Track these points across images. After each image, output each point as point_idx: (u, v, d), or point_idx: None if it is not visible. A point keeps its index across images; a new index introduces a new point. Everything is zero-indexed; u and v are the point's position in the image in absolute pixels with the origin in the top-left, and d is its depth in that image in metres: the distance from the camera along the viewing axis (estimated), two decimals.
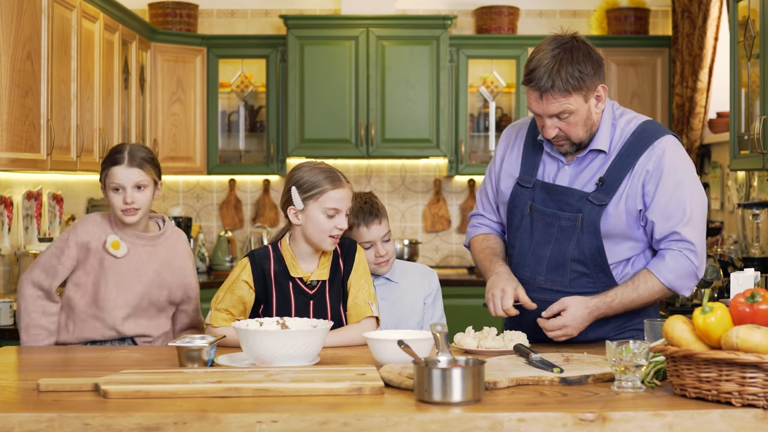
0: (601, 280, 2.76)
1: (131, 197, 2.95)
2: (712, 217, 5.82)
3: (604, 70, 2.71)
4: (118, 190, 2.96)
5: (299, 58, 6.21)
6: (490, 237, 3.00)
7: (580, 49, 2.65)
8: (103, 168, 3.01)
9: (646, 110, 6.26)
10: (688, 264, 2.72)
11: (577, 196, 2.75)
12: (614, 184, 2.72)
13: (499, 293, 2.72)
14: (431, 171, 6.72)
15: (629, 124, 2.78)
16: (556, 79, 2.61)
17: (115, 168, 2.96)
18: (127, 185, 2.95)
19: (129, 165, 2.96)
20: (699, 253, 2.73)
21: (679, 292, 2.74)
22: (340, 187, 2.82)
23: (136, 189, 2.96)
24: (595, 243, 2.74)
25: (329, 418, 1.96)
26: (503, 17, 6.41)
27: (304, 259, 2.88)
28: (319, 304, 2.88)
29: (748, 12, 4.36)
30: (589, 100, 2.67)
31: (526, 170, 2.85)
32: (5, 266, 4.62)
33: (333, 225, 2.81)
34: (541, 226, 2.81)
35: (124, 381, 2.18)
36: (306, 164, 2.88)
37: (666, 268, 2.71)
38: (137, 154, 2.99)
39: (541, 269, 2.81)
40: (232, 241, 6.40)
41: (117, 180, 2.95)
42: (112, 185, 2.96)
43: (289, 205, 2.85)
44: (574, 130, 2.69)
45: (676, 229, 2.70)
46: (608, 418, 1.98)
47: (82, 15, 4.70)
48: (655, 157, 2.71)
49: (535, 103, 2.67)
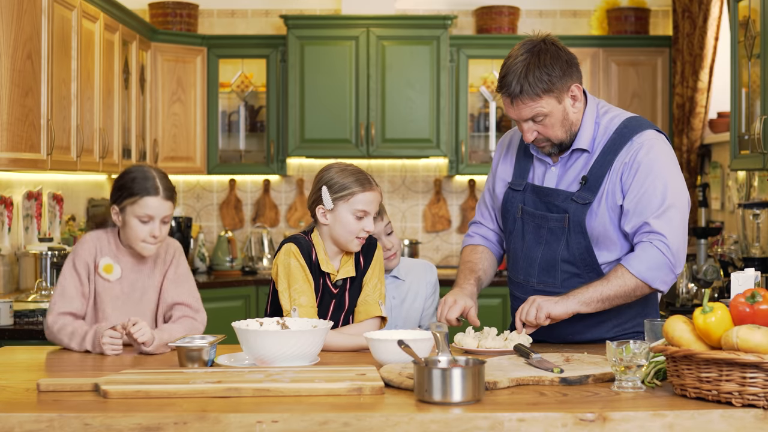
0: (592, 280, 2.75)
1: (159, 231, 2.83)
2: (712, 217, 5.82)
3: (577, 69, 2.71)
4: (147, 221, 2.83)
5: (299, 58, 6.21)
6: (478, 249, 3.02)
7: (548, 51, 2.66)
8: (130, 193, 2.82)
9: (646, 110, 6.26)
10: (658, 255, 2.66)
11: (563, 196, 2.76)
12: (597, 182, 2.72)
13: (451, 302, 2.79)
14: (431, 171, 6.72)
15: (612, 121, 2.77)
16: (524, 84, 2.63)
17: (149, 199, 2.81)
18: (157, 218, 2.83)
19: (163, 198, 2.83)
20: (672, 245, 2.66)
21: (652, 285, 2.67)
22: (369, 190, 2.86)
23: (162, 222, 2.85)
24: (583, 243, 2.74)
25: (329, 418, 1.96)
26: (503, 17, 6.41)
27: (330, 256, 2.91)
28: (339, 301, 2.91)
29: (749, 12, 4.36)
30: (563, 101, 2.69)
31: (518, 174, 2.88)
32: (5, 266, 4.62)
33: (361, 227, 2.85)
34: (532, 228, 2.82)
35: (124, 381, 2.18)
36: (336, 165, 2.91)
37: (636, 260, 2.67)
38: (168, 185, 2.86)
39: (533, 271, 2.82)
40: (233, 241, 6.40)
41: (149, 211, 2.81)
42: (142, 215, 2.81)
43: (317, 205, 2.87)
44: (552, 131, 2.71)
45: (647, 220, 2.67)
46: (608, 418, 1.98)
47: (83, 15, 4.71)
48: (633, 151, 2.71)
49: (509, 109, 2.72)
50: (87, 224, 5.56)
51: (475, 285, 2.91)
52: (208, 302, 5.78)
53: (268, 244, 6.45)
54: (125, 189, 2.84)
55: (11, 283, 4.68)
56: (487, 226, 3.04)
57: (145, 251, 2.87)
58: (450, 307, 2.78)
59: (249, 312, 5.99)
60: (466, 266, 2.98)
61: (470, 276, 2.93)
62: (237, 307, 5.95)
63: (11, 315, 4.05)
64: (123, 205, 2.84)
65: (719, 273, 4.72)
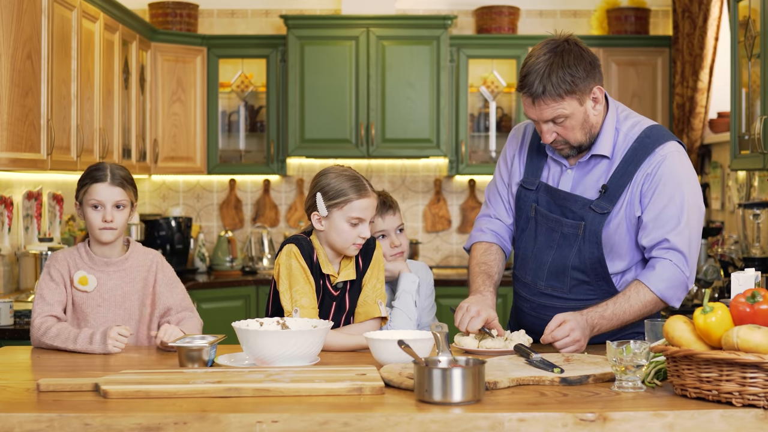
0: (602, 288, 2.74)
1: (111, 215, 2.93)
2: (712, 217, 5.82)
3: (599, 71, 2.67)
4: (98, 207, 2.94)
5: (299, 58, 6.21)
6: (492, 250, 2.94)
7: (572, 51, 2.61)
8: (82, 185, 2.97)
9: (646, 110, 6.26)
10: (678, 274, 2.65)
11: (581, 203, 2.72)
12: (617, 192, 2.69)
13: (474, 313, 2.67)
14: (431, 171, 6.72)
15: (633, 128, 2.73)
16: (547, 84, 2.58)
17: (97, 185, 2.94)
18: (107, 203, 2.94)
19: (111, 183, 2.95)
20: (690, 262, 2.66)
21: (669, 302, 2.67)
22: (365, 197, 2.81)
23: (115, 208, 2.95)
24: (596, 253, 2.71)
25: (329, 418, 1.96)
26: (503, 17, 6.41)
27: (329, 259, 2.89)
28: (339, 303, 2.90)
29: (749, 12, 4.36)
30: (584, 103, 2.64)
31: (531, 172, 2.84)
32: (5, 266, 4.62)
33: (356, 234, 2.81)
34: (545, 230, 2.79)
35: (124, 381, 2.18)
36: (332, 170, 2.87)
37: (657, 277, 2.65)
38: (118, 173, 2.97)
39: (542, 274, 2.80)
40: (233, 241, 6.40)
41: (98, 197, 2.93)
42: (92, 202, 2.94)
43: (313, 211, 2.85)
44: (572, 133, 2.67)
45: (667, 236, 2.65)
46: (609, 418, 1.98)
47: (82, 15, 4.70)
48: (655, 163, 2.67)
49: (529, 109, 2.66)
50: None
51: (494, 293, 2.82)
52: (208, 302, 5.85)
53: (268, 244, 6.45)
54: (80, 182, 2.99)
55: (11, 283, 4.68)
56: (500, 219, 2.95)
57: (103, 237, 2.95)
58: (472, 318, 2.66)
59: (249, 312, 5.99)
60: (481, 269, 2.89)
61: (488, 281, 2.84)
62: (237, 307, 5.96)
63: (11, 315, 4.05)
64: (80, 198, 2.98)
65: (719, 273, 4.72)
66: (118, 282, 2.98)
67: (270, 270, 6.29)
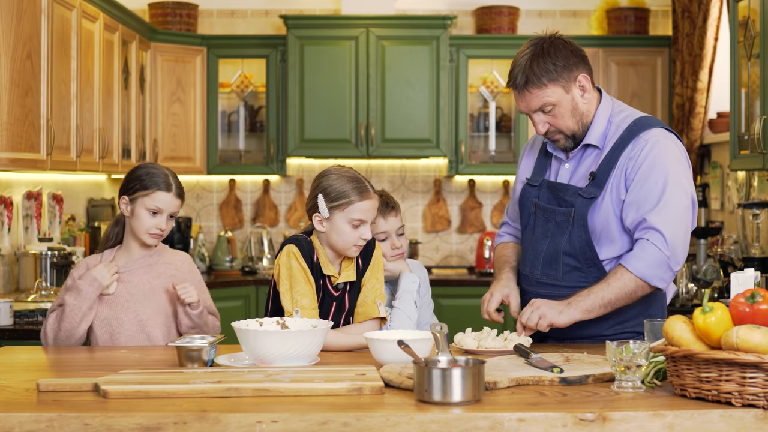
0: (593, 275, 2.76)
1: (165, 224, 2.98)
2: (712, 217, 5.82)
3: (585, 61, 2.76)
4: (156, 213, 2.97)
5: (299, 58, 6.21)
6: (508, 245, 3.08)
7: (553, 44, 2.73)
8: (143, 186, 2.96)
9: (646, 110, 6.24)
10: (655, 252, 2.65)
11: (572, 191, 2.79)
12: (603, 177, 2.75)
13: (488, 296, 2.85)
14: (431, 171, 6.72)
15: (624, 120, 2.80)
16: (529, 74, 2.70)
17: (162, 193, 2.96)
18: (166, 212, 2.98)
19: (176, 194, 3.00)
20: (670, 242, 2.66)
21: (651, 282, 2.67)
22: (367, 199, 2.82)
23: (169, 217, 3.00)
24: (584, 237, 2.76)
25: (329, 418, 1.96)
26: (503, 17, 6.41)
27: (330, 259, 2.89)
28: (339, 304, 2.90)
29: (748, 12, 4.36)
30: (570, 91, 2.73)
31: (537, 171, 2.93)
32: (5, 266, 4.62)
33: (357, 235, 2.82)
34: (542, 222, 2.86)
35: (124, 381, 2.18)
36: (334, 171, 2.87)
37: (634, 257, 2.67)
38: (179, 183, 3.04)
39: (538, 263, 2.85)
40: (232, 241, 6.40)
41: (160, 204, 2.96)
42: (152, 207, 2.95)
43: (314, 212, 2.85)
44: (562, 121, 2.75)
45: (645, 216, 2.67)
46: (608, 418, 1.98)
47: (82, 15, 4.71)
48: (639, 147, 2.72)
49: (518, 102, 2.78)
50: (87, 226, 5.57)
51: (511, 272, 2.96)
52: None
53: (267, 244, 6.45)
54: (139, 182, 2.99)
55: (11, 283, 4.68)
56: (514, 225, 3.10)
57: (150, 241, 3.00)
58: (487, 301, 2.83)
59: (249, 312, 5.99)
60: (500, 260, 3.04)
61: (505, 266, 2.98)
62: (237, 307, 5.96)
63: (11, 315, 4.05)
64: (135, 196, 2.98)
65: (719, 273, 4.72)
66: (145, 277, 3.01)
67: (269, 270, 6.29)
